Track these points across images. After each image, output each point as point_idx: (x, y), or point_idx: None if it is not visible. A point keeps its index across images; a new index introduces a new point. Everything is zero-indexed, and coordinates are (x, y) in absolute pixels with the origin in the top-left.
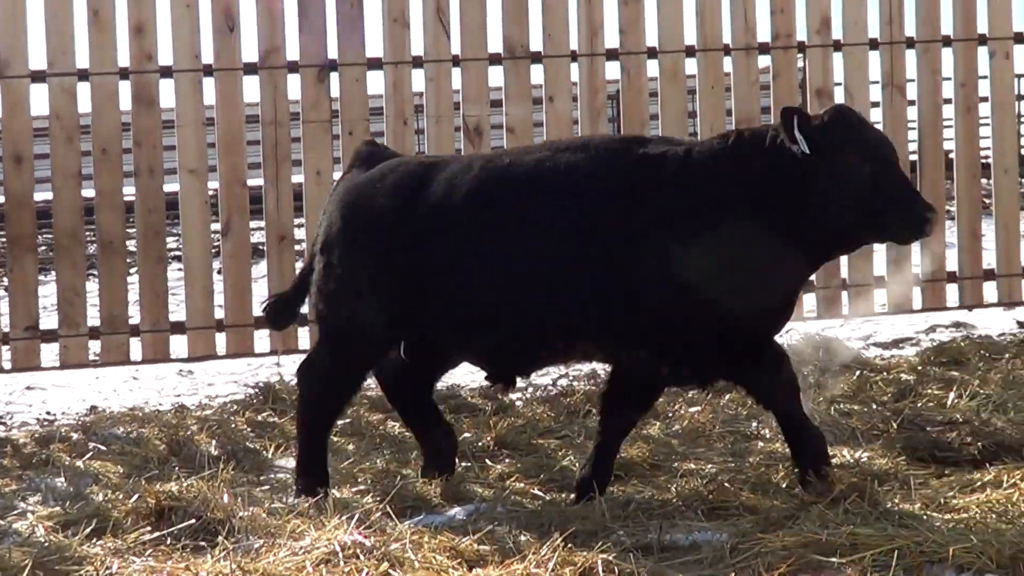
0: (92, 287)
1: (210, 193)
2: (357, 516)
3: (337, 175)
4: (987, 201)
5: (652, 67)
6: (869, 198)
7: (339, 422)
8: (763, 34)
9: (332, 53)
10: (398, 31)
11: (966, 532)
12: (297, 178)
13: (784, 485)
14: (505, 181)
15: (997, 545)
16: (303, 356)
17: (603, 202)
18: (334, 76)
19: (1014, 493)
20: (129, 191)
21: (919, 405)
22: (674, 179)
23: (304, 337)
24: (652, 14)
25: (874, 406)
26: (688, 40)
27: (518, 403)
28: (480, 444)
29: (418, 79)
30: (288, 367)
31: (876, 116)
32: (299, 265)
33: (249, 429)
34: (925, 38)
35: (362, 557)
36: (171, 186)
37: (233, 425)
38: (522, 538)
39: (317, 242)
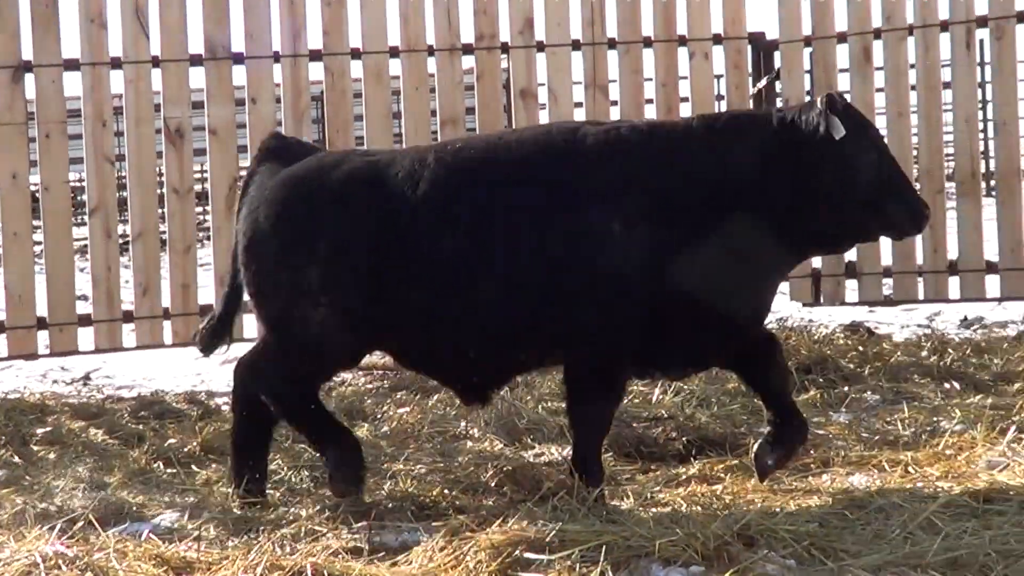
0: None
1: None
2: (59, 526)
3: (34, 178)
4: None
5: (356, 68)
6: (874, 189)
7: (39, 431)
8: (467, 35)
9: (27, 54)
10: (95, 32)
11: (672, 526)
12: None
13: (493, 484)
14: (472, 171)
15: (702, 537)
16: None
17: (587, 193)
18: (29, 77)
19: (718, 486)
20: None
21: (625, 402)
22: (657, 163)
23: (1, 344)
24: (355, 15)
25: None
26: (392, 41)
27: (224, 407)
28: (186, 450)
29: (117, 80)
30: None
31: (580, 116)
32: None
33: None
34: (626, 39)
35: (64, 568)
36: None
37: None
38: (230, 543)
39: (241, 247)
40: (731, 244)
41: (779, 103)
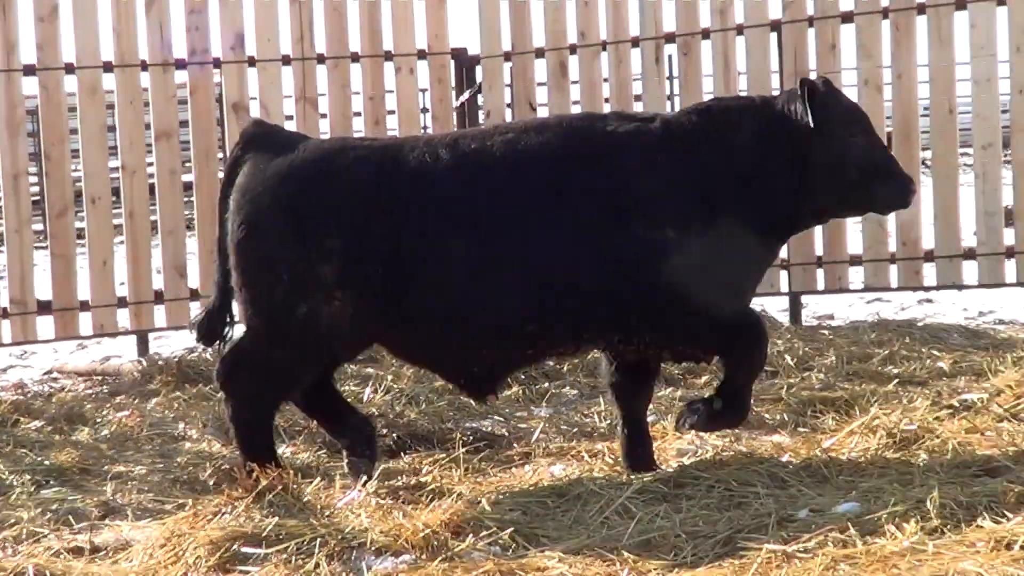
0: None
1: None
2: None
3: None
4: None
5: (70, 82)
6: (864, 171)
7: None
8: (179, 50)
9: None
10: None
11: (384, 517)
12: None
13: (212, 483)
14: (492, 161)
15: (411, 528)
16: None
17: (599, 183)
18: None
19: (427, 479)
20: None
21: None
22: (662, 155)
23: None
24: (69, 30)
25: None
26: (106, 56)
27: None
28: None
29: None
30: None
31: (291, 128)
32: None
33: None
34: (335, 55)
35: None
36: None
37: None
38: None
39: (237, 239)
40: (746, 224)
41: (481, 116)
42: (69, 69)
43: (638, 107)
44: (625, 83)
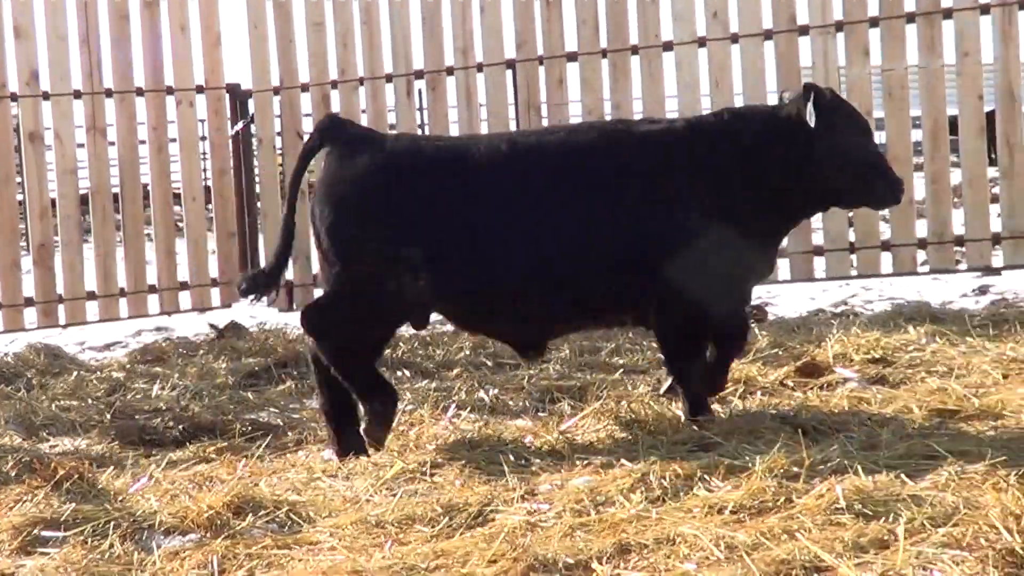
0: None
1: None
2: None
3: None
4: (180, 224)
5: None
6: (861, 165)
7: None
8: None
9: None
10: None
11: (172, 501)
12: None
13: (14, 474)
14: (549, 156)
15: (196, 509)
16: None
17: (641, 176)
18: None
19: (211, 465)
20: None
21: (128, 397)
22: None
23: None
24: None
25: (90, 400)
26: None
27: None
28: None
29: None
30: None
31: (83, 157)
32: None
33: None
34: (121, 89)
35: None
36: None
37: None
38: None
39: (327, 222)
40: (765, 215)
41: (254, 143)
42: None
43: None
44: (381, 114)
